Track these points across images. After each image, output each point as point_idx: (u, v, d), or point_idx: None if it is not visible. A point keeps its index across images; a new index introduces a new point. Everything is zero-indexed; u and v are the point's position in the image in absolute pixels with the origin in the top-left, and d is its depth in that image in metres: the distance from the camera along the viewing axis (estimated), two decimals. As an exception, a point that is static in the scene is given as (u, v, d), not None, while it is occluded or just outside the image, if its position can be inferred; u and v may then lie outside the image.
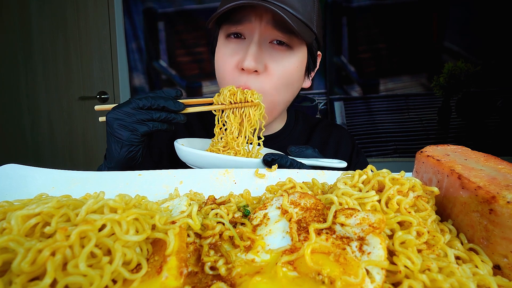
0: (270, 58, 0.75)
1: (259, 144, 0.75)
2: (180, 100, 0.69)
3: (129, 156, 0.65)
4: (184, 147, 0.64)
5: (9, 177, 0.47)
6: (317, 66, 0.91)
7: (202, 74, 2.46)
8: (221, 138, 0.74)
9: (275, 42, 0.76)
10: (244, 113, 0.73)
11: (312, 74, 0.90)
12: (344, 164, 0.65)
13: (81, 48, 2.57)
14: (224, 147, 0.73)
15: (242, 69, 0.74)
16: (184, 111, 0.69)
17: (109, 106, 0.69)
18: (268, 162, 0.59)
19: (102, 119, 0.70)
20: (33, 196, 0.42)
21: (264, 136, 0.93)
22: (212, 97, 0.74)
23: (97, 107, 0.70)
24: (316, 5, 0.77)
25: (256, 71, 0.74)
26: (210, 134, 0.86)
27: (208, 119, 0.95)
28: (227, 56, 0.78)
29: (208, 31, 2.40)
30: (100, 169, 0.70)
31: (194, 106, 0.71)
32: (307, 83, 0.90)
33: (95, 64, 2.58)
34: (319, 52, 0.89)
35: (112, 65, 2.56)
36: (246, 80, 0.75)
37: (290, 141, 0.96)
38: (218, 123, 0.74)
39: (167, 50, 2.48)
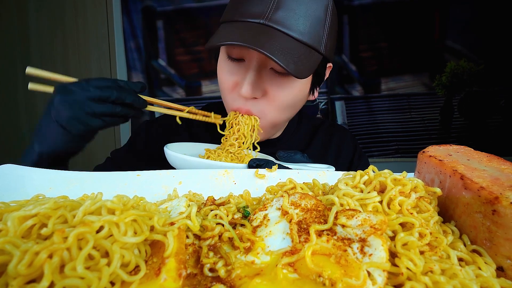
0: (270, 84, 0.72)
1: (255, 147, 0.77)
2: (143, 97, 0.64)
3: (73, 151, 0.60)
4: (170, 151, 0.64)
5: (6, 177, 0.47)
6: (325, 78, 0.87)
7: (201, 73, 2.45)
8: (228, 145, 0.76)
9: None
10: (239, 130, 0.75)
11: (318, 88, 0.86)
12: (332, 169, 0.64)
13: (79, 47, 2.56)
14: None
15: None
16: (147, 109, 0.65)
17: (44, 74, 0.57)
18: (253, 167, 0.57)
19: (32, 86, 0.57)
20: (30, 196, 0.42)
21: (265, 140, 0.93)
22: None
23: (28, 70, 0.56)
24: (329, 21, 0.71)
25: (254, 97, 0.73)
26: (212, 136, 0.86)
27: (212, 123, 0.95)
28: (227, 75, 0.76)
29: (209, 31, 2.39)
30: (24, 155, 0.63)
31: (159, 106, 0.70)
32: (311, 97, 0.86)
33: (93, 63, 2.56)
34: (329, 64, 0.84)
35: (111, 64, 2.55)
36: (244, 104, 0.74)
37: (292, 143, 0.95)
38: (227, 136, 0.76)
39: (166, 49, 2.47)
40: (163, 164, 0.91)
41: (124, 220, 0.30)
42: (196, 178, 0.54)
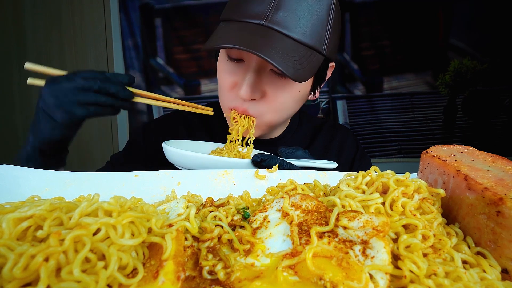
0: (270, 85, 0.72)
1: (248, 144, 0.76)
2: (131, 89, 0.65)
3: (61, 139, 0.62)
4: (172, 148, 0.62)
5: (1, 178, 0.46)
6: (327, 77, 0.85)
7: (200, 72, 2.44)
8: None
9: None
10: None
11: (319, 88, 0.85)
12: (334, 164, 0.64)
13: (76, 46, 2.54)
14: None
15: None
16: (135, 100, 0.66)
17: (42, 69, 0.61)
18: (257, 162, 0.57)
19: (31, 81, 0.62)
20: (26, 197, 0.41)
21: (267, 139, 0.92)
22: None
23: (27, 66, 0.61)
24: (332, 20, 0.69)
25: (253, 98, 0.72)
26: (213, 138, 0.86)
27: (212, 122, 0.95)
28: (226, 74, 0.75)
29: (208, 29, 2.38)
30: (21, 151, 0.65)
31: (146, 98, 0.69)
32: (312, 97, 0.85)
33: (91, 61, 2.54)
34: (332, 64, 0.83)
35: (108, 62, 2.52)
36: (242, 104, 0.73)
37: (293, 143, 0.95)
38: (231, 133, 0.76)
39: (165, 47, 2.45)
40: (163, 165, 0.91)
41: (121, 222, 0.30)
42: (195, 179, 0.53)
